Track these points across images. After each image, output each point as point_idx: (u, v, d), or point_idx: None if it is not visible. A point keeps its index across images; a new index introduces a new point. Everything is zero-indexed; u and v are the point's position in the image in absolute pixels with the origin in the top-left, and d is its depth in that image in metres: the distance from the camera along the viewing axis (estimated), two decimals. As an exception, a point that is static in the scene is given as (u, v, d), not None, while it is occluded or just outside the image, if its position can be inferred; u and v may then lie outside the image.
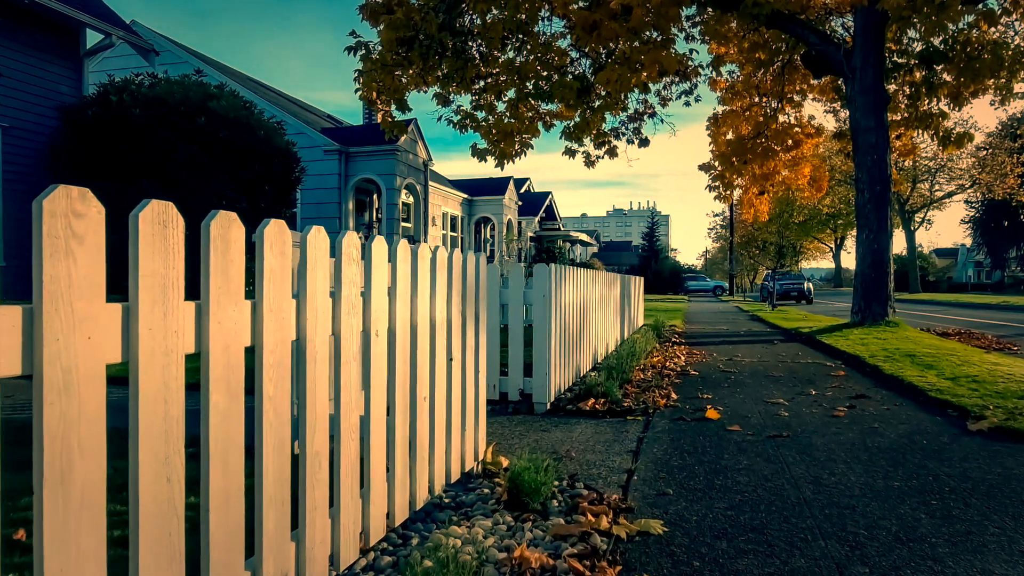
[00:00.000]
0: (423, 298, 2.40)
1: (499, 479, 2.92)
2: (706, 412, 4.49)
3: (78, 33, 11.42)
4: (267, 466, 1.50)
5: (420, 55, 11.26)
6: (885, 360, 6.94)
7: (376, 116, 15.77)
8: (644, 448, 3.60)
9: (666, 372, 6.41)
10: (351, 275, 1.88)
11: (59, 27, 10.91)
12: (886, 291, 10.58)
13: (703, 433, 3.95)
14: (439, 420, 2.58)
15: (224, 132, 10.50)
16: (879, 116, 10.63)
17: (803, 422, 4.26)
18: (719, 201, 17.14)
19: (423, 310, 2.40)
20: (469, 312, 2.89)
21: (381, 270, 2.07)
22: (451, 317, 2.69)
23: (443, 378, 2.61)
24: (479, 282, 3.01)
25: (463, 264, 2.84)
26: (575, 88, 11.34)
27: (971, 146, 41.69)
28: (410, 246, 2.30)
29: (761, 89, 15.92)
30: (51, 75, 10.90)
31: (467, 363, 2.89)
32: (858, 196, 10.96)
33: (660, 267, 54.64)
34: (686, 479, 3.04)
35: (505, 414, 4.53)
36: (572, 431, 4.01)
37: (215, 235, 1.35)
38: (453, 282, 2.70)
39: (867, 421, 4.29)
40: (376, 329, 2.04)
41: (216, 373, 1.34)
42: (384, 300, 2.10)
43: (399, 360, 2.22)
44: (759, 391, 5.47)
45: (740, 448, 3.60)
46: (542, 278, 4.59)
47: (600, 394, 4.81)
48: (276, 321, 1.53)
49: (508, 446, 3.63)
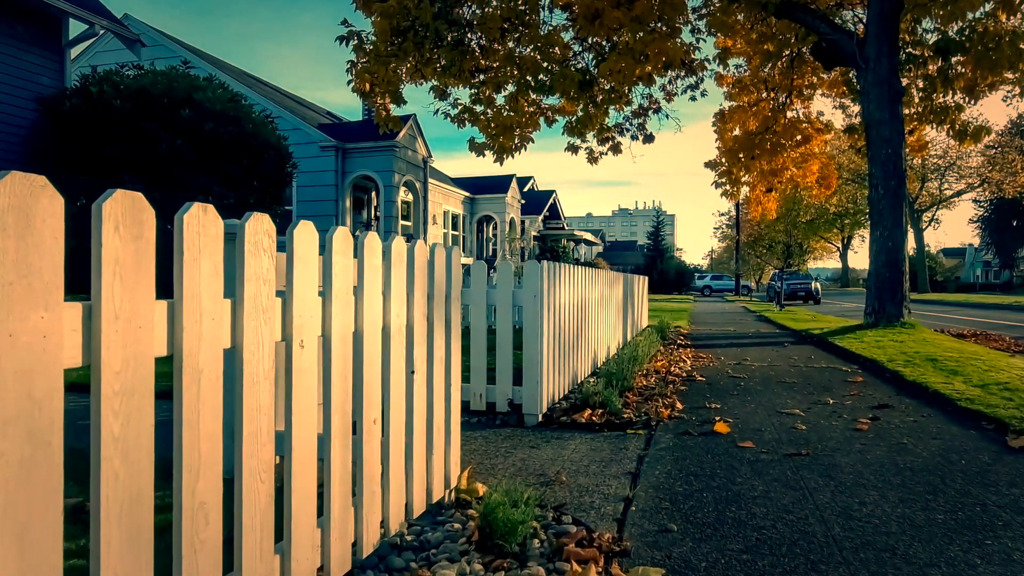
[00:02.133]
0: (371, 299, 1.97)
1: (474, 510, 2.50)
2: (715, 425, 4.04)
3: (60, 22, 11.02)
4: (107, 540, 1.07)
5: (415, 45, 10.83)
6: (905, 365, 6.48)
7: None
8: (645, 470, 3.16)
9: (670, 378, 5.97)
10: (259, 270, 1.45)
11: (39, 16, 10.51)
12: (901, 291, 10.10)
13: (712, 451, 3.51)
14: (395, 445, 2.14)
15: (209, 125, 10.10)
16: (894, 108, 10.15)
17: (823, 437, 3.81)
18: (726, 198, 16.69)
19: (372, 313, 1.97)
20: (437, 315, 2.46)
21: (309, 265, 1.64)
22: (412, 321, 2.26)
23: (401, 395, 2.18)
24: (451, 280, 2.58)
25: (429, 258, 2.41)
26: (576, 80, 10.89)
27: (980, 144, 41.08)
28: (352, 235, 1.87)
29: (769, 83, 15.45)
30: (31, 66, 10.49)
31: (434, 375, 2.46)
32: (871, 192, 10.48)
33: (665, 267, 54.08)
34: (693, 510, 2.60)
35: (492, 427, 4.10)
36: (564, 448, 3.58)
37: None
38: (415, 279, 2.27)
39: (894, 435, 3.84)
40: (301, 338, 1.61)
41: (5, 414, 0.91)
42: (313, 302, 1.67)
43: (337, 376, 1.79)
44: (772, 400, 5.03)
45: (754, 469, 3.16)
46: (533, 277, 4.16)
47: (597, 404, 4.38)
48: (124, 332, 1.10)
49: (490, 467, 3.20)
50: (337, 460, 1.79)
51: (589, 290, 5.89)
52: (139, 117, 9.84)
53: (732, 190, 15.75)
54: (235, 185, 10.55)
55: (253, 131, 10.93)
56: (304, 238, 1.63)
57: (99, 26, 11.21)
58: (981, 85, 11.87)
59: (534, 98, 13.21)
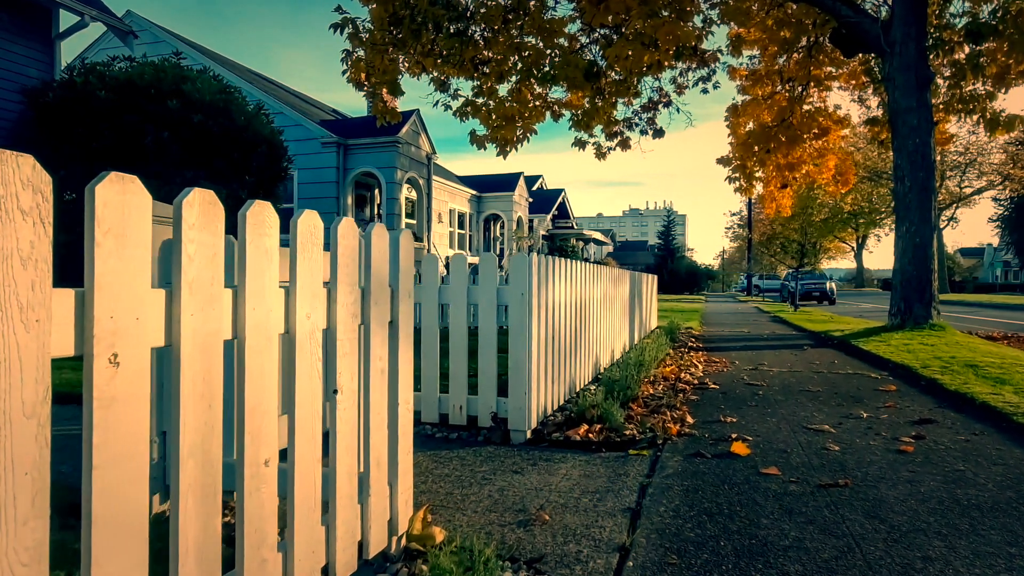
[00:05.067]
0: (260, 293, 1.42)
1: (427, 565, 1.94)
2: (731, 444, 3.46)
3: (50, 13, 10.60)
4: None
5: (412, 33, 10.30)
6: (942, 372, 5.85)
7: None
8: (647, 505, 2.59)
9: (680, 386, 5.38)
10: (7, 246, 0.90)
11: (28, 6, 10.09)
12: (929, 290, 9.44)
13: (729, 479, 2.93)
14: (303, 492, 1.59)
15: (198, 117, 9.61)
16: (921, 95, 9.50)
17: (861, 461, 3.22)
18: (739, 194, 16.06)
19: (260, 313, 1.42)
20: (376, 315, 1.91)
21: (138, 249, 1.10)
22: (334, 323, 1.71)
23: (314, 422, 1.63)
24: (398, 271, 2.03)
25: (364, 243, 1.86)
26: (582, 66, 10.31)
27: (1002, 139, 40.03)
28: (221, 204, 1.31)
29: (785, 74, 14.79)
30: (18, 57, 10.07)
31: (373, 394, 1.91)
32: (897, 185, 9.82)
33: (676, 266, 53.23)
34: (707, 569, 2.03)
35: (473, 444, 3.54)
36: (554, 473, 3.01)
37: None
38: (341, 269, 1.72)
39: (946, 460, 3.25)
40: (113, 352, 1.06)
41: None
42: (134, 298, 1.11)
43: (191, 402, 1.24)
44: (796, 412, 4.43)
45: (783, 506, 2.58)
46: (521, 271, 3.59)
47: (596, 418, 3.80)
48: None
49: (460, 499, 2.64)
50: (191, 527, 1.24)
51: (590, 288, 5.32)
52: (124, 109, 9.38)
53: (746, 185, 15.09)
54: (225, 179, 10.06)
55: (245, 124, 10.44)
56: (118, 205, 1.08)
57: (89, 17, 10.78)
58: (1013, 72, 11.16)
59: (539, 91, 12.65)
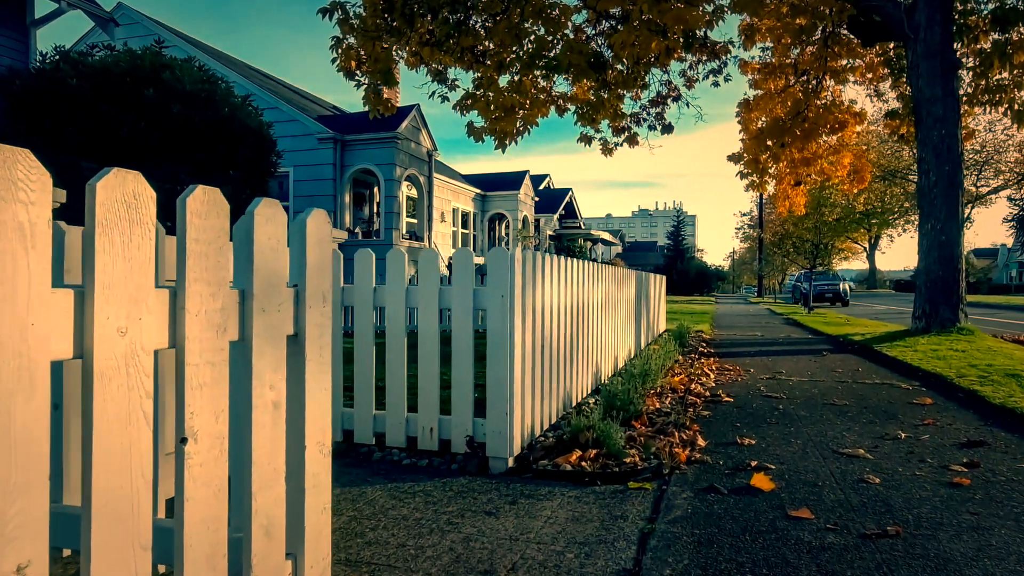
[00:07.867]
0: (16, 298, 0.87)
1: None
2: (751, 477, 2.90)
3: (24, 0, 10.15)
4: None
5: (405, 19, 9.77)
6: (981, 382, 5.26)
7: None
8: (649, 565, 2.04)
9: (690, 399, 4.81)
10: None
11: (-2, -10, 9.62)
12: (957, 292, 8.82)
13: (751, 527, 2.36)
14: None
15: (177, 107, 9.12)
16: (947, 83, 8.88)
17: (910, 499, 2.65)
18: (751, 191, 15.43)
19: (10, 329, 0.88)
20: (263, 326, 1.37)
21: None
22: (182, 341, 1.17)
23: (128, 492, 1.08)
24: (304, 265, 1.48)
25: (246, 230, 1.31)
26: (587, 53, 9.75)
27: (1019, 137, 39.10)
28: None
29: (800, 66, 14.17)
30: (-8, 46, 9.63)
31: (257, 437, 1.37)
32: (921, 179, 9.21)
33: (686, 267, 52.50)
34: (728, 674, 1.47)
35: (444, 475, 2.99)
36: (535, 516, 2.46)
37: None
38: (191, 260, 1.18)
39: (1014, 497, 2.67)
40: None
41: None
42: None
43: None
44: (823, 431, 3.86)
45: (821, 567, 2.01)
46: (501, 270, 3.04)
47: (591, 442, 3.25)
48: None
49: (413, 554, 2.09)
50: None
51: (590, 289, 4.77)
52: (100, 98, 8.90)
53: (758, 181, 14.48)
54: (207, 173, 9.56)
55: (229, 115, 9.94)
56: None
57: (67, 3, 10.29)
58: (1042, 61, 10.51)
59: (544, 85, 12.10)
